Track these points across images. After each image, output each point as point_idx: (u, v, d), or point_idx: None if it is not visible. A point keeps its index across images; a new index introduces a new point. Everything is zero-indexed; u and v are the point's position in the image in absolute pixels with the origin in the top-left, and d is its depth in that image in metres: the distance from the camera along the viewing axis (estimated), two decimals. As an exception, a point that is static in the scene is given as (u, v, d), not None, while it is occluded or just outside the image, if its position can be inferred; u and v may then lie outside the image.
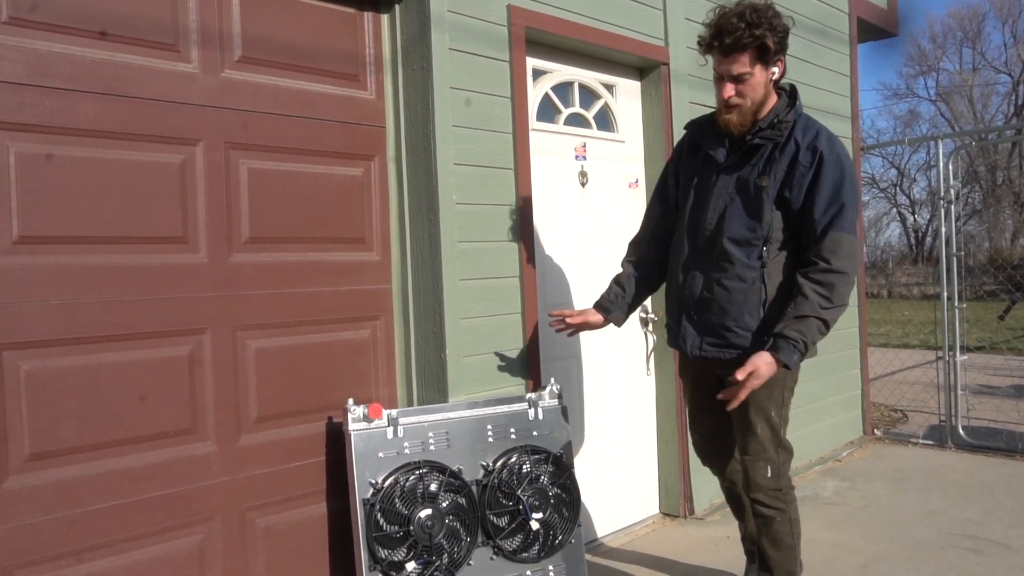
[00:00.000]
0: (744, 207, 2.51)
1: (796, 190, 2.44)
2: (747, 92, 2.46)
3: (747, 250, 2.50)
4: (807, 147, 2.44)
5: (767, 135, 2.49)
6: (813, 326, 2.38)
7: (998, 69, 31.08)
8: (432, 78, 2.99)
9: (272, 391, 2.80)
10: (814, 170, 2.42)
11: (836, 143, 2.48)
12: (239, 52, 2.74)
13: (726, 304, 2.53)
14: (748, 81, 2.45)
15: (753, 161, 2.52)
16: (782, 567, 2.67)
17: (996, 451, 5.24)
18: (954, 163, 5.68)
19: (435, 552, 2.74)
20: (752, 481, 2.62)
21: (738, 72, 2.44)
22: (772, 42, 2.41)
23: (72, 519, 2.35)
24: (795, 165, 2.44)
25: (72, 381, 2.37)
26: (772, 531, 2.64)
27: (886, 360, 8.64)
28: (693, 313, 2.63)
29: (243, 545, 2.71)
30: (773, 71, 2.48)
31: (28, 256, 2.29)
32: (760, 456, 2.59)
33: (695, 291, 2.61)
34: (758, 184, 2.48)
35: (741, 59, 2.42)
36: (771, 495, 2.61)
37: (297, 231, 2.88)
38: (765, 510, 2.62)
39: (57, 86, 2.34)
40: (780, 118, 2.50)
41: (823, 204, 2.41)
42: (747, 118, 2.50)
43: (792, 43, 5.07)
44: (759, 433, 2.58)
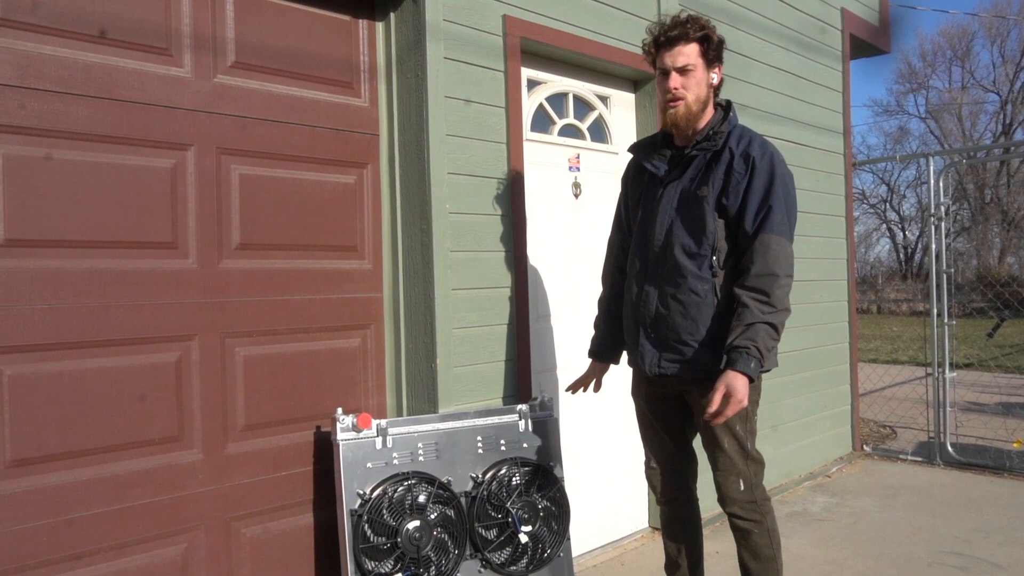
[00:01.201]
0: (689, 218, 2.53)
1: (732, 197, 2.48)
2: (691, 86, 2.52)
3: (697, 261, 2.51)
4: (740, 155, 2.50)
5: (703, 146, 2.55)
6: (761, 331, 2.35)
7: (986, 88, 31.45)
8: (427, 87, 2.98)
9: (260, 399, 2.77)
10: (748, 177, 2.47)
11: (769, 149, 2.53)
12: (232, 57, 2.73)
13: (681, 318, 2.52)
14: (692, 74, 2.51)
15: (691, 172, 2.56)
16: None
17: (984, 468, 5.25)
18: (944, 180, 5.71)
19: (423, 564, 2.71)
20: (726, 496, 2.61)
21: (683, 63, 2.50)
22: (714, 38, 2.52)
23: (54, 527, 2.31)
24: (731, 172, 2.49)
25: (57, 386, 2.33)
26: (751, 543, 2.62)
27: (876, 376, 8.66)
28: (650, 330, 2.60)
29: (227, 555, 2.67)
30: (712, 76, 2.56)
31: (14, 259, 2.27)
32: (731, 471, 2.59)
33: (650, 307, 2.60)
34: (698, 194, 2.52)
35: (685, 51, 2.50)
36: (746, 508, 2.61)
37: (288, 238, 2.86)
38: (742, 523, 2.61)
39: (48, 88, 2.32)
40: (715, 129, 2.56)
41: (753, 209, 2.45)
42: (692, 113, 2.54)
43: (787, 59, 5.12)
44: (727, 448, 2.57)
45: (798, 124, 5.16)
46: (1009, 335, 12.98)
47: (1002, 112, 30.58)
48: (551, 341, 3.62)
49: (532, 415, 3.08)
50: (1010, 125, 30.10)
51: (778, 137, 4.95)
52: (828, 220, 5.49)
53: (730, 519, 2.64)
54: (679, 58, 2.50)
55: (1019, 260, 25.57)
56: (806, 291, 5.20)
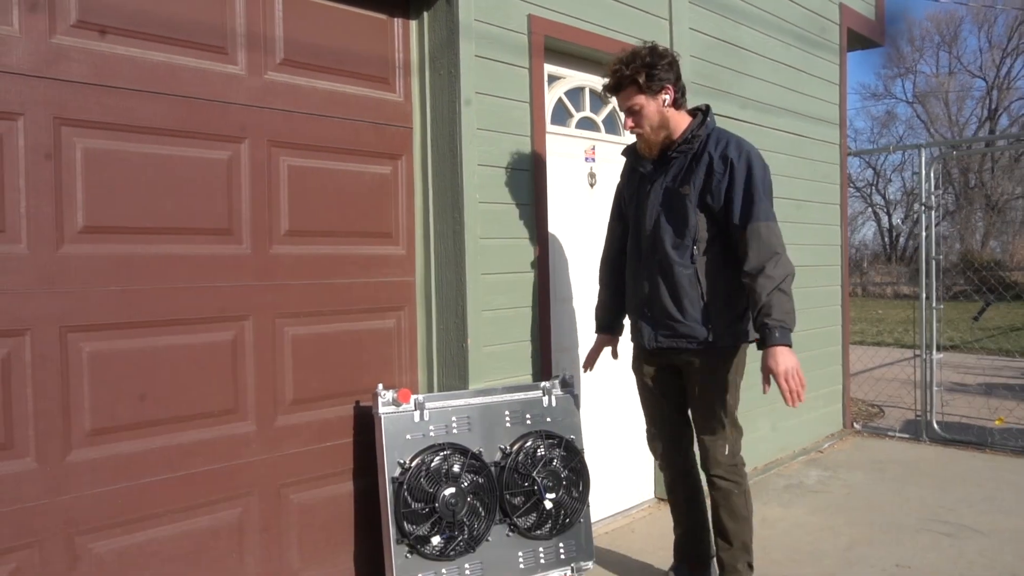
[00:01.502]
0: (673, 213, 2.86)
1: (715, 195, 2.78)
2: (642, 121, 2.84)
3: (680, 251, 2.85)
4: (719, 156, 2.78)
5: (682, 148, 2.85)
6: (774, 301, 2.68)
7: (973, 73, 31.77)
8: (459, 83, 3.17)
9: (306, 375, 2.98)
10: (728, 176, 2.76)
11: (744, 147, 2.81)
12: (281, 55, 2.91)
13: (670, 300, 2.88)
14: (640, 111, 2.83)
15: (673, 172, 2.87)
16: (739, 537, 2.98)
17: (968, 444, 5.55)
18: (935, 170, 5.95)
19: (457, 528, 2.94)
20: (713, 459, 2.94)
21: (627, 105, 2.85)
22: (643, 77, 2.77)
23: (128, 491, 2.52)
24: (711, 173, 2.78)
25: (128, 362, 2.53)
26: (731, 504, 2.95)
27: (865, 357, 8.96)
28: (646, 310, 2.97)
29: (278, 519, 2.89)
30: (663, 99, 2.82)
31: (92, 245, 2.46)
32: (719, 436, 2.93)
33: (645, 292, 2.96)
34: (680, 192, 2.83)
35: (624, 95, 2.85)
36: (729, 470, 2.95)
37: (330, 225, 3.05)
38: (724, 484, 2.95)
39: (119, 86, 2.50)
40: (694, 133, 2.85)
41: (738, 203, 2.75)
42: (653, 141, 2.87)
43: (786, 53, 5.32)
44: (717, 415, 2.92)
45: (797, 116, 5.38)
46: (992, 318, 13.34)
47: (988, 97, 30.96)
48: (570, 322, 3.85)
49: (555, 391, 3.30)
50: (995, 110, 30.49)
51: (778, 128, 5.17)
52: (823, 208, 5.73)
53: (713, 481, 2.97)
54: (623, 101, 2.86)
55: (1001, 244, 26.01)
56: (802, 276, 5.40)
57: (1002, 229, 25.94)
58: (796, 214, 5.36)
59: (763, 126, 5.02)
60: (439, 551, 2.91)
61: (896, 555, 3.56)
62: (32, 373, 2.35)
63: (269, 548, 2.87)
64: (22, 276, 2.33)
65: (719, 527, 2.99)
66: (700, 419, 2.96)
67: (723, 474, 2.94)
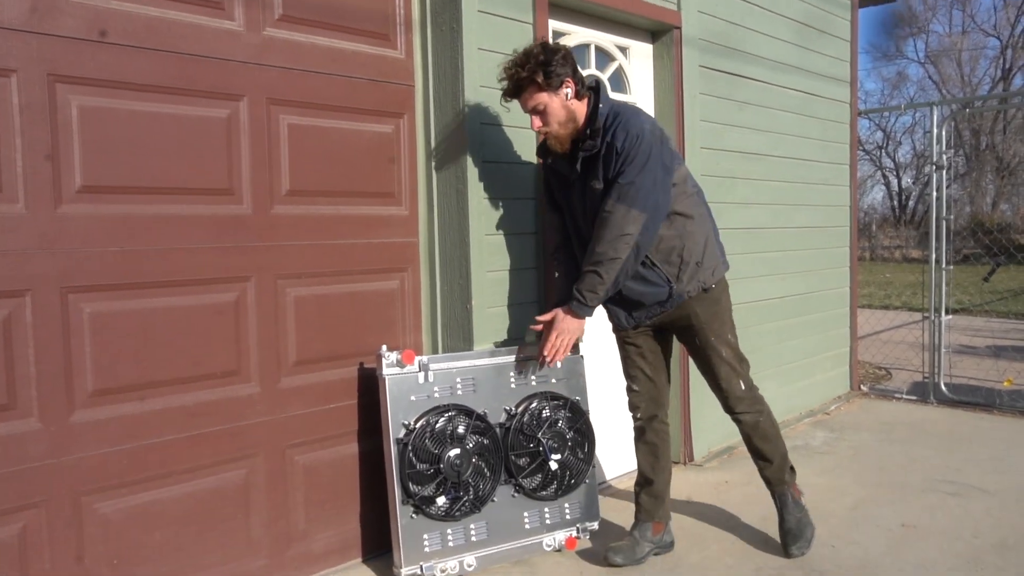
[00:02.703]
0: (592, 208, 2.88)
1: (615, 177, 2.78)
2: (549, 119, 2.81)
3: None
4: (608, 146, 2.77)
5: (586, 146, 2.82)
6: (586, 276, 2.81)
7: (987, 32, 31.21)
8: (461, 39, 3.10)
9: (309, 337, 2.96)
10: (612, 158, 2.77)
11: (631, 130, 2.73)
12: (279, 11, 2.84)
13: (632, 282, 2.92)
14: (545, 110, 2.80)
15: (583, 169, 2.88)
16: (776, 452, 3.15)
17: (975, 406, 5.53)
18: (946, 129, 5.85)
19: (463, 488, 2.94)
20: (733, 396, 3.06)
21: (532, 106, 2.81)
22: (541, 76, 2.72)
23: (132, 451, 2.52)
24: (609, 161, 2.79)
25: (129, 323, 2.52)
26: (760, 430, 3.11)
27: (873, 320, 8.92)
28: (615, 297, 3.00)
29: (283, 480, 2.90)
30: (566, 93, 2.78)
31: (90, 205, 2.43)
32: (732, 374, 3.05)
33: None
34: (593, 187, 2.86)
35: (525, 96, 2.81)
36: (749, 402, 3.09)
37: (332, 185, 3.01)
38: (750, 416, 3.09)
39: (115, 42, 2.45)
40: (592, 127, 2.80)
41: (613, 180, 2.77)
42: (563, 135, 2.85)
43: (796, 8, 5.19)
44: (725, 356, 3.04)
45: (806, 73, 5.28)
46: (1001, 280, 13.26)
47: (1002, 57, 30.41)
48: (574, 284, 3.80)
49: (560, 352, 3.28)
50: (1010, 70, 29.97)
51: (787, 86, 5.08)
52: (832, 168, 5.65)
53: (739, 417, 3.10)
54: (526, 103, 2.83)
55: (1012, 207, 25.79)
56: (809, 237, 5.39)
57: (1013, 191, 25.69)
58: (804, 174, 5.29)
59: (772, 84, 4.93)
60: (444, 511, 2.92)
61: (902, 515, 3.56)
62: (33, 334, 2.33)
63: (275, 509, 2.87)
64: (21, 236, 2.30)
65: (757, 452, 3.15)
66: (709, 366, 3.06)
67: (747, 408, 3.08)
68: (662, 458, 3.20)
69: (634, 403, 3.20)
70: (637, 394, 3.18)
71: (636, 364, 3.16)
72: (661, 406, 3.21)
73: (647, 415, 3.18)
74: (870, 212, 31.55)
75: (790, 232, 5.15)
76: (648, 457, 3.20)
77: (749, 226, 4.72)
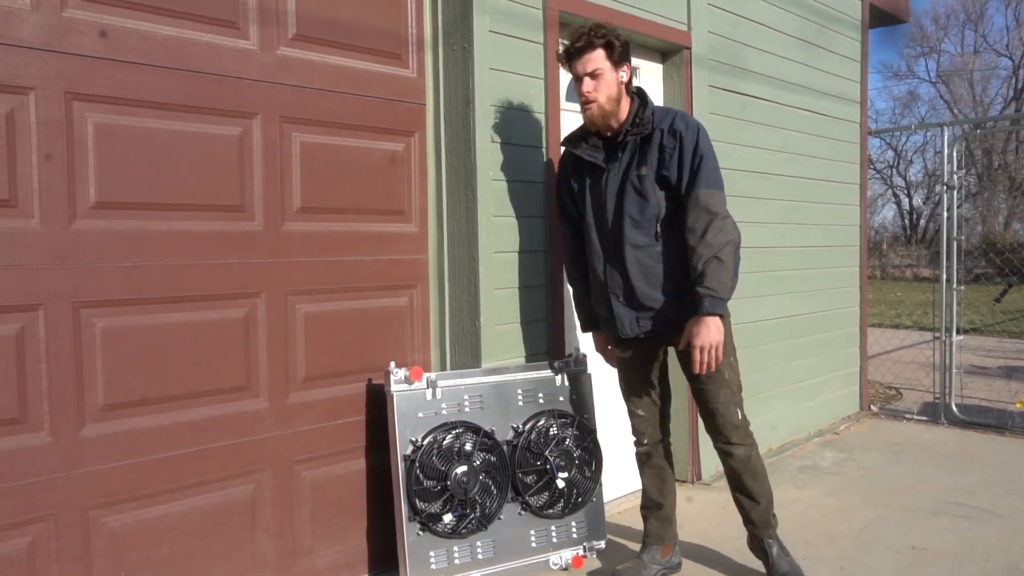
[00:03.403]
0: (634, 195, 2.85)
1: (670, 168, 2.80)
2: (601, 87, 2.80)
3: (644, 231, 2.85)
4: (668, 132, 2.81)
5: (635, 132, 2.83)
6: (709, 270, 2.68)
7: (999, 52, 31.17)
8: (473, 59, 3.13)
9: (318, 353, 2.97)
10: (678, 148, 2.79)
11: (689, 119, 2.85)
12: (293, 30, 2.88)
13: (643, 282, 2.86)
14: (601, 77, 2.80)
15: (627, 156, 2.86)
16: (764, 493, 3.03)
17: (987, 427, 5.48)
18: (957, 150, 5.84)
19: (469, 506, 2.94)
20: (729, 424, 2.95)
21: (592, 68, 2.80)
22: (616, 42, 2.81)
23: (141, 466, 2.53)
24: (663, 149, 2.81)
25: (141, 338, 2.54)
26: (751, 465, 2.99)
27: (883, 339, 8.88)
28: (621, 298, 2.92)
29: (290, 495, 2.90)
30: (621, 74, 2.84)
31: (104, 220, 2.45)
32: (731, 401, 2.95)
33: (616, 279, 2.92)
34: (639, 175, 2.83)
35: (592, 57, 2.80)
36: (744, 435, 2.98)
37: (342, 202, 3.03)
38: (742, 449, 2.97)
39: (130, 60, 2.49)
40: (640, 116, 2.84)
41: (686, 173, 2.78)
42: (607, 112, 2.83)
43: (807, 29, 5.22)
44: (728, 379, 2.93)
45: (816, 93, 5.29)
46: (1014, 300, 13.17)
47: (1014, 77, 30.36)
48: (582, 302, 3.81)
49: (567, 370, 3.29)
50: (1022, 90, 29.91)
51: (796, 106, 5.09)
52: (843, 188, 5.65)
53: (730, 448, 2.98)
54: (588, 64, 2.80)
55: (1025, 227, 25.63)
56: (820, 256, 5.38)
57: (1025, 211, 25.53)
58: (814, 194, 5.29)
59: (781, 104, 4.94)
60: (451, 529, 2.92)
61: (912, 537, 3.53)
62: (46, 348, 2.36)
63: (281, 524, 2.88)
64: (35, 251, 2.33)
65: (744, 490, 3.02)
66: (709, 391, 2.94)
67: (740, 440, 2.97)
68: (669, 480, 3.18)
69: (640, 429, 3.13)
70: (642, 419, 3.11)
71: (641, 389, 3.08)
72: (666, 429, 3.17)
73: (653, 440, 3.14)
74: (881, 231, 31.45)
75: (799, 251, 5.15)
76: (656, 481, 3.16)
77: (758, 245, 4.72)
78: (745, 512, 3.06)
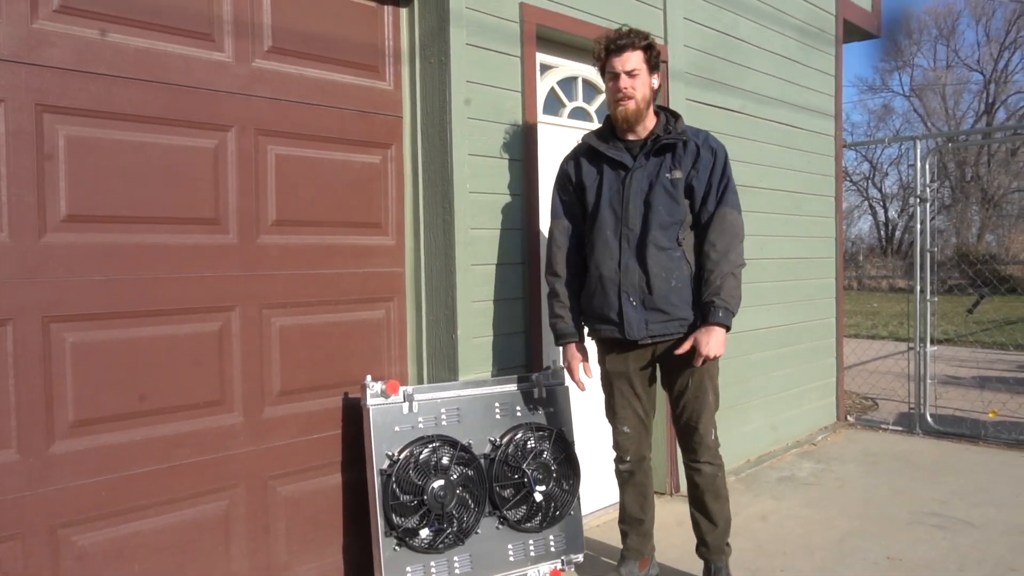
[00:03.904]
0: (662, 198, 2.88)
1: (701, 180, 2.91)
2: (638, 86, 2.88)
3: (669, 234, 2.89)
4: (704, 146, 2.93)
5: (672, 137, 2.91)
6: (727, 284, 2.80)
7: (971, 67, 31.72)
8: (450, 72, 3.14)
9: (293, 367, 2.95)
10: (712, 163, 2.92)
11: (719, 141, 2.99)
12: (269, 43, 2.87)
13: (663, 283, 2.86)
14: (638, 77, 2.88)
15: (656, 160, 2.92)
16: (723, 516, 3.04)
17: (961, 437, 5.54)
18: (930, 162, 5.93)
19: (446, 520, 2.92)
20: (704, 444, 2.98)
21: (631, 67, 2.87)
22: (656, 47, 2.93)
23: (112, 482, 2.49)
24: (699, 159, 2.91)
25: (112, 353, 2.50)
26: (715, 486, 3.01)
27: (859, 350, 8.95)
28: (633, 299, 2.88)
29: (265, 511, 2.87)
30: (653, 81, 2.94)
31: (74, 234, 2.42)
32: (709, 421, 2.98)
33: (633, 279, 2.88)
34: (671, 178, 2.90)
35: (633, 56, 2.88)
36: (715, 454, 3.01)
37: (318, 215, 3.02)
38: (710, 468, 2.99)
39: (103, 72, 2.46)
40: (672, 127, 2.94)
41: (717, 189, 2.91)
42: (640, 111, 2.90)
43: (783, 44, 5.29)
44: (710, 401, 2.97)
45: (791, 107, 5.35)
46: (986, 311, 13.34)
47: (985, 91, 30.92)
48: (560, 314, 3.81)
49: (545, 383, 3.28)
50: (993, 104, 30.46)
51: (772, 119, 5.14)
52: (818, 200, 5.71)
53: (700, 467, 3.00)
54: (628, 63, 2.87)
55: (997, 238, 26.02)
56: (795, 268, 5.43)
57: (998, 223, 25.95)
58: (790, 206, 5.34)
59: (757, 117, 4.99)
60: (428, 544, 2.89)
61: (888, 547, 3.55)
62: (14, 363, 2.32)
63: (256, 541, 2.84)
64: (3, 265, 2.29)
65: (704, 510, 3.02)
66: (698, 411, 2.95)
67: (711, 459, 2.99)
68: (650, 496, 3.17)
69: (624, 446, 3.08)
70: (627, 436, 3.07)
71: (629, 405, 3.05)
72: (649, 446, 3.14)
73: (636, 458, 3.09)
74: (857, 242, 31.78)
75: (776, 263, 5.19)
76: (638, 498, 3.14)
77: (735, 257, 4.74)
78: (701, 533, 3.06)
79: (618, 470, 3.14)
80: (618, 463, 3.12)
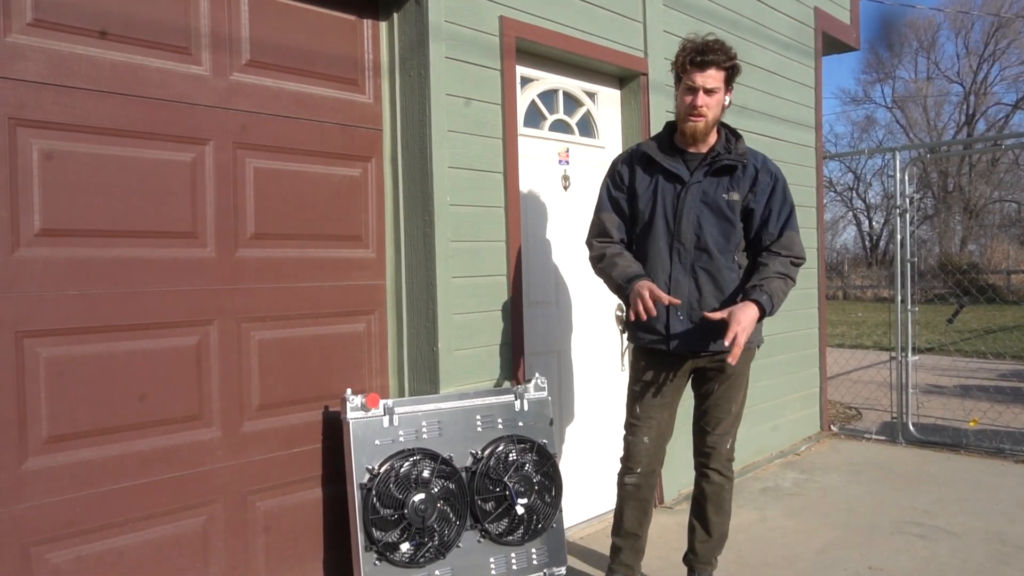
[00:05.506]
0: (719, 217, 2.85)
1: (759, 203, 2.88)
2: (712, 105, 2.81)
3: (726, 254, 2.86)
4: (763, 170, 2.90)
5: (734, 158, 2.86)
6: (777, 284, 2.77)
7: (951, 79, 32.11)
8: (429, 85, 3.14)
9: (273, 380, 2.93)
10: (772, 188, 2.89)
11: (776, 165, 2.97)
12: (247, 56, 2.86)
13: (714, 301, 2.83)
14: (715, 95, 2.81)
15: (715, 178, 2.87)
16: (719, 529, 3.05)
17: (943, 446, 5.57)
18: (909, 172, 5.98)
19: (427, 534, 2.90)
20: (719, 453, 2.98)
21: (712, 86, 2.79)
22: (738, 68, 2.86)
23: (88, 499, 2.46)
24: (757, 183, 2.88)
25: (87, 368, 2.48)
26: (721, 498, 3.02)
27: (843, 359, 9.00)
28: (680, 314, 2.82)
29: (244, 527, 2.84)
30: (727, 99, 2.88)
31: (49, 248, 2.40)
32: (729, 431, 2.98)
33: (683, 293, 2.83)
34: (728, 199, 2.86)
35: (716, 75, 2.80)
36: (727, 465, 3.01)
37: (298, 228, 3.01)
38: (720, 478, 3.00)
39: (78, 86, 2.45)
40: (733, 147, 2.90)
41: (783, 213, 2.89)
42: (709, 129, 2.86)
43: (764, 57, 5.33)
44: (734, 411, 2.98)
45: (774, 119, 5.39)
46: (968, 320, 13.45)
47: (965, 102, 31.29)
48: (543, 325, 3.82)
49: (527, 395, 3.27)
50: (973, 115, 30.82)
51: (755, 132, 5.18)
52: (800, 211, 5.70)
53: (711, 475, 2.99)
54: (709, 80, 2.78)
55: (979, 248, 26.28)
56: (779, 279, 5.44)
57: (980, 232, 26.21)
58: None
59: (739, 129, 5.00)
60: (409, 558, 2.87)
61: (870, 557, 3.55)
62: (-13, 379, 2.29)
63: (235, 557, 2.82)
64: (-24, 280, 2.27)
65: (703, 519, 3.04)
66: (717, 418, 2.97)
67: (722, 469, 3.00)
68: (650, 512, 3.08)
69: (637, 458, 2.96)
70: (645, 447, 2.95)
71: (654, 416, 2.95)
72: (661, 461, 3.03)
73: (647, 470, 2.98)
74: (842, 252, 32.03)
75: (758, 274, 5.20)
76: (638, 514, 3.02)
77: (717, 268, 4.76)
78: (693, 541, 3.07)
79: (622, 482, 3.02)
80: (624, 475, 3.01)
